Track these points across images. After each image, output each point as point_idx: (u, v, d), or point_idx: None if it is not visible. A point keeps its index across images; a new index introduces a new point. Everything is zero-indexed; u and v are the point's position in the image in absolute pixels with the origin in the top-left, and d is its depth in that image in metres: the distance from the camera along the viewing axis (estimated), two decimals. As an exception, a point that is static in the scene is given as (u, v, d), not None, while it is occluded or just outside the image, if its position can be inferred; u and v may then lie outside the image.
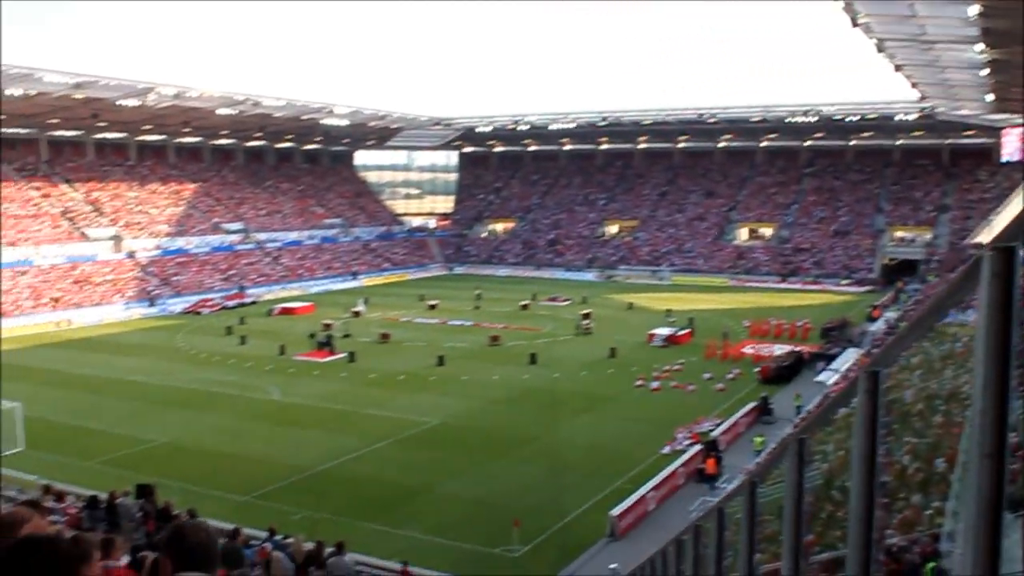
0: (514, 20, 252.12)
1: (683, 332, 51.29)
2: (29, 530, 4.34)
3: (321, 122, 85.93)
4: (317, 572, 15.69)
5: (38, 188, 75.12)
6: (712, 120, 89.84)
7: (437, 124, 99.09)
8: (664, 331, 50.71)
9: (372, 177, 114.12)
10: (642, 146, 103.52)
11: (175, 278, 72.97)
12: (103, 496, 22.27)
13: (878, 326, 50.25)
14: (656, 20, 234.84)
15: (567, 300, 67.11)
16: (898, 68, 45.15)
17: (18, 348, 51.95)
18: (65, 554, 4.13)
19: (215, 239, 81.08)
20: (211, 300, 68.58)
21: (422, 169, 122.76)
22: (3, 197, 71.34)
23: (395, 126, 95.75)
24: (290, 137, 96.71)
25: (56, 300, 63.60)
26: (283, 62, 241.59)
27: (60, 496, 20.29)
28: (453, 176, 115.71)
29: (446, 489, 27.21)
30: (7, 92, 61.00)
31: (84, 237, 72.36)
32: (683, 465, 28.17)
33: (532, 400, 37.86)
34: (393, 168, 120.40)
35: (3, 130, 74.98)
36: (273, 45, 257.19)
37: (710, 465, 27.82)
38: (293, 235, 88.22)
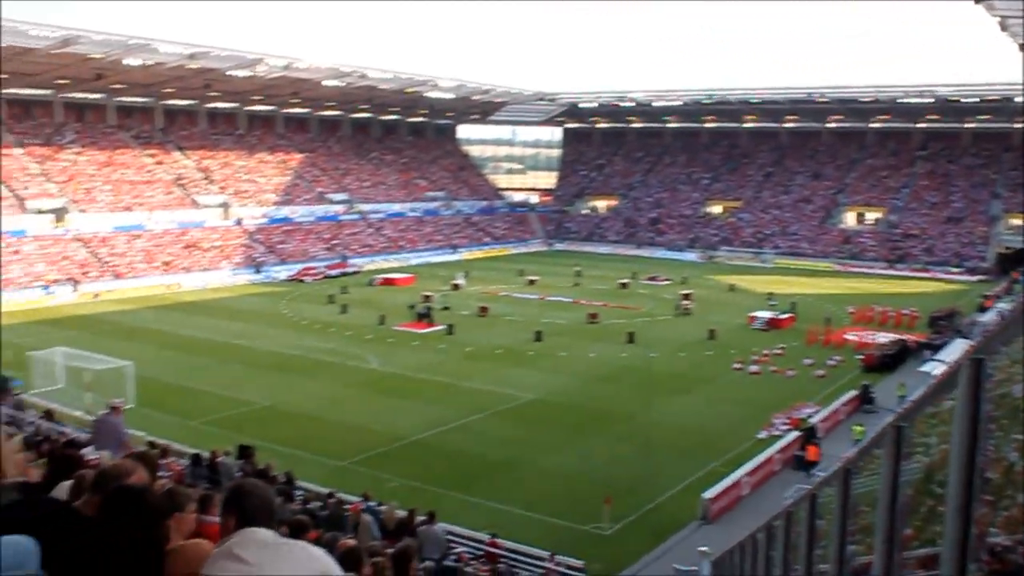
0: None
1: (785, 316, 50.15)
2: (131, 482, 4.39)
3: (426, 95, 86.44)
4: (408, 539, 15.75)
5: (153, 155, 77.42)
6: (821, 99, 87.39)
7: (541, 99, 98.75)
8: (765, 314, 49.70)
9: (475, 151, 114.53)
10: (748, 125, 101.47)
11: (280, 246, 74.48)
12: (205, 455, 22.88)
13: (989, 317, 48.25)
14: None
15: (667, 280, 66.29)
16: (1022, 47, 43.20)
17: (131, 309, 53.88)
18: (155, 504, 4.15)
19: (320, 209, 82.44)
20: (314, 269, 69.79)
21: (525, 144, 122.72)
22: (121, 163, 73.90)
23: (499, 100, 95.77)
24: (395, 109, 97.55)
25: (167, 264, 65.60)
26: (390, 34, 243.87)
27: (164, 452, 20.88)
28: (556, 152, 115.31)
29: (539, 464, 27.18)
30: (125, 62, 62.84)
31: (195, 204, 74.35)
32: (780, 451, 27.57)
33: (628, 379, 37.52)
34: (496, 143, 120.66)
35: (122, 99, 77.61)
36: (381, 17, 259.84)
37: (812, 452, 27.13)
38: (396, 207, 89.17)
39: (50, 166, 69.64)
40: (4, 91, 69.34)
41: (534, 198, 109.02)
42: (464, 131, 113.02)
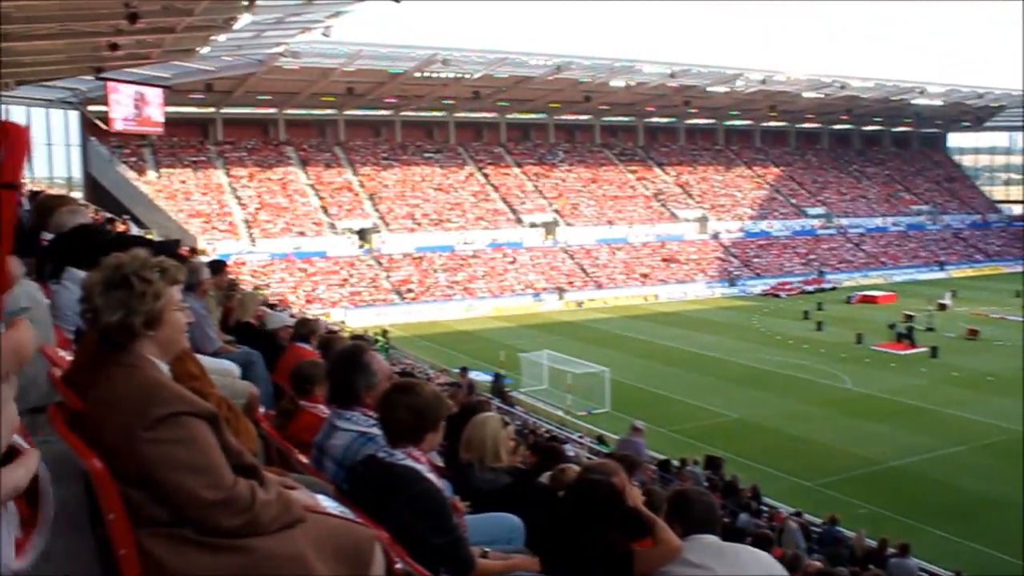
0: None
1: None
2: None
3: (912, 102, 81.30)
4: (876, 570, 14.78)
5: (634, 171, 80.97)
6: None
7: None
8: None
9: (967, 161, 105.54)
10: None
11: (755, 260, 74.21)
12: (675, 461, 23.27)
13: None
14: None
15: None
16: None
17: (609, 318, 56.68)
18: (608, 496, 4.20)
19: (796, 223, 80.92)
20: (789, 283, 68.64)
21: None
22: (605, 179, 78.25)
23: (995, 105, 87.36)
24: (877, 120, 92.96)
25: (644, 276, 68.15)
26: (871, 41, 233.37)
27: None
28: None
29: (1030, 505, 24.19)
30: (612, 84, 66.33)
31: (673, 218, 76.50)
32: None
33: None
34: (992, 151, 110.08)
35: (607, 119, 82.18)
36: (861, 25, 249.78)
37: None
38: (877, 221, 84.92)
39: (543, 183, 75.58)
40: (506, 117, 76.78)
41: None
42: (954, 139, 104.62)
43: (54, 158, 50.45)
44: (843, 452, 28.80)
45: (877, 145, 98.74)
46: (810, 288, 67.42)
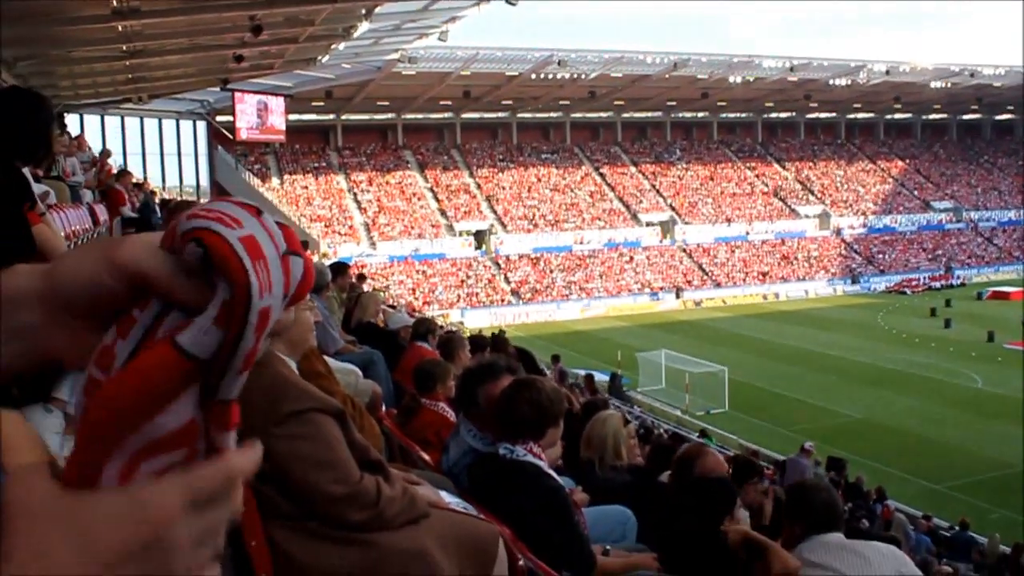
0: None
1: None
2: (700, 466, 4.56)
3: (1049, 89, 77.64)
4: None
5: (753, 168, 79.54)
6: None
7: None
8: None
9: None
10: None
11: (879, 256, 72.10)
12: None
13: None
14: None
15: None
16: None
17: (728, 316, 55.88)
18: (726, 494, 4.16)
19: (922, 217, 78.21)
20: (915, 280, 66.48)
21: None
22: (723, 177, 77.13)
23: None
24: (1010, 108, 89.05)
25: (763, 274, 66.91)
26: (1003, 25, 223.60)
27: (755, 454, 21.18)
28: None
29: None
30: (730, 79, 65.35)
31: (793, 214, 74.88)
32: None
33: None
34: None
35: (725, 115, 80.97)
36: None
37: None
38: (1010, 214, 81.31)
39: (660, 181, 74.95)
40: (622, 116, 76.45)
41: None
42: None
43: (184, 167, 52.46)
44: (974, 454, 27.80)
45: (1010, 135, 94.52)
46: (937, 284, 65.20)
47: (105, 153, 16.56)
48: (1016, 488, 24.81)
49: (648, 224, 69.89)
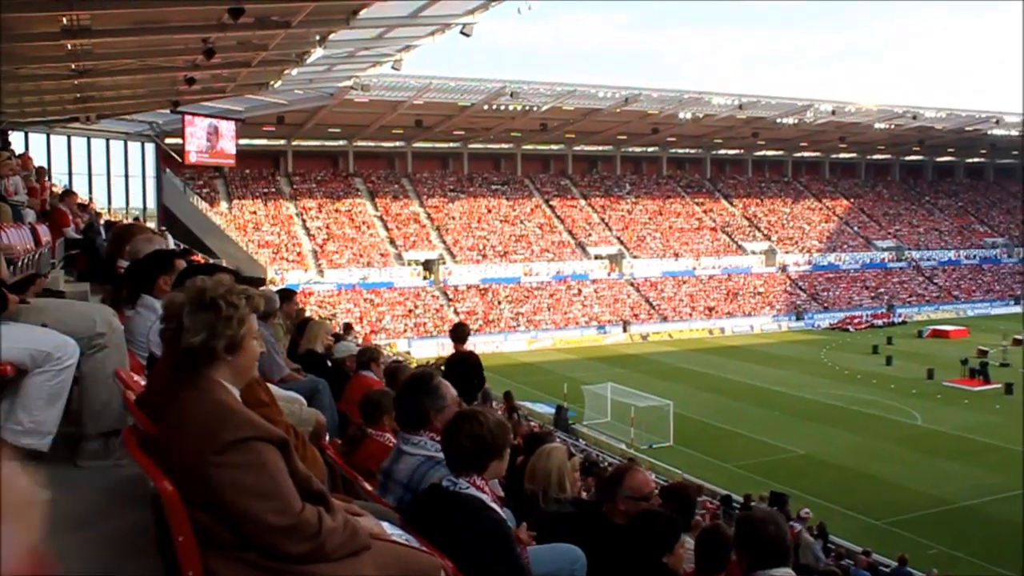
0: None
1: None
2: (628, 481, 4.58)
3: (988, 132, 79.65)
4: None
5: (701, 204, 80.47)
6: None
7: None
8: None
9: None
10: None
11: (823, 293, 73.21)
12: (737, 497, 22.94)
13: None
14: None
15: None
16: None
17: (675, 350, 56.28)
18: (669, 527, 4.16)
19: (866, 256, 79.65)
20: (858, 317, 67.51)
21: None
22: (671, 212, 77.92)
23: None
24: (951, 151, 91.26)
25: (710, 309, 67.54)
26: (943, 71, 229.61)
27: (699, 490, 21.28)
28: None
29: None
30: (680, 115, 66.14)
31: (740, 250, 75.80)
32: None
33: None
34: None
35: (674, 150, 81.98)
36: (933, 53, 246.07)
37: None
38: (950, 254, 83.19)
39: (609, 215, 75.51)
40: (573, 149, 77.07)
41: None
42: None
43: (131, 189, 51.69)
44: (913, 490, 28.20)
45: (950, 176, 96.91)
46: (879, 322, 66.30)
47: (40, 171, 16.31)
48: (953, 523, 25.24)
49: (597, 257, 70.27)
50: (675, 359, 52.94)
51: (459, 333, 10.60)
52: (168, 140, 50.68)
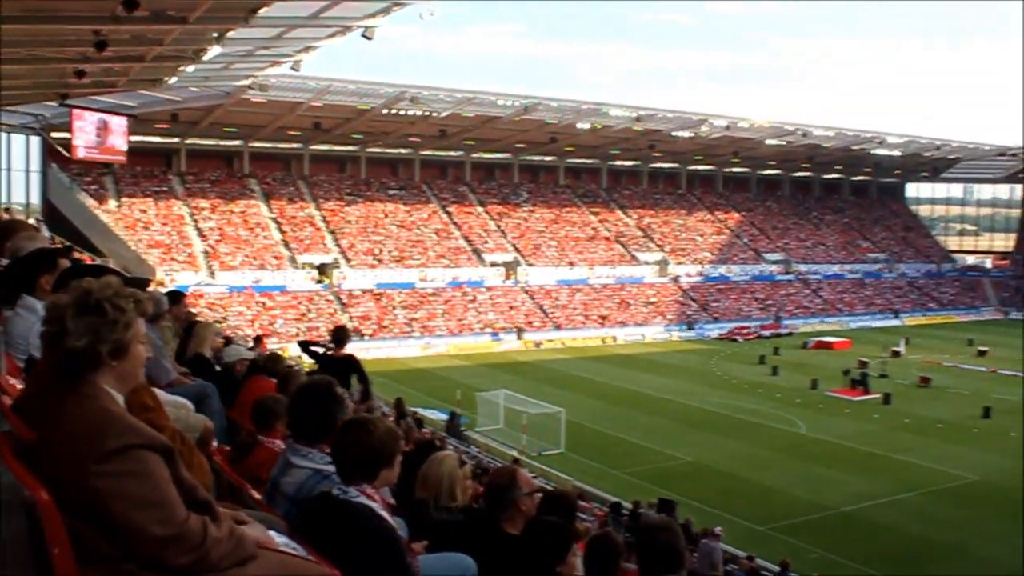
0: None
1: None
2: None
3: (872, 152, 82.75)
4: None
5: (596, 213, 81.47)
6: None
7: (1002, 154, 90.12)
8: None
9: (923, 211, 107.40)
10: None
11: (714, 304, 74.80)
12: (627, 504, 23.25)
13: None
14: None
15: None
16: None
17: (567, 358, 56.79)
18: (561, 537, 4.17)
19: (755, 268, 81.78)
20: (747, 328, 69.16)
21: (981, 204, 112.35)
22: (567, 221, 78.65)
23: (952, 156, 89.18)
24: (838, 168, 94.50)
25: (603, 318, 68.39)
26: (833, 90, 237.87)
27: (581, 495, 21.51)
28: (1016, 212, 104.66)
29: (981, 553, 24.59)
30: (578, 125, 66.87)
31: (634, 260, 76.94)
32: None
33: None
34: (947, 202, 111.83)
35: (572, 160, 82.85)
36: (824, 75, 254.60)
37: None
38: (835, 268, 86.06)
39: (505, 222, 75.84)
40: (471, 156, 77.21)
41: (988, 262, 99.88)
42: (912, 190, 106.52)
43: (13, 183, 49.73)
44: (796, 497, 29.06)
45: (836, 193, 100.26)
46: (767, 333, 67.98)
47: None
48: (834, 529, 26.08)
49: (492, 264, 70.49)
50: (568, 367, 53.40)
51: (339, 336, 10.40)
52: (55, 134, 48.94)
